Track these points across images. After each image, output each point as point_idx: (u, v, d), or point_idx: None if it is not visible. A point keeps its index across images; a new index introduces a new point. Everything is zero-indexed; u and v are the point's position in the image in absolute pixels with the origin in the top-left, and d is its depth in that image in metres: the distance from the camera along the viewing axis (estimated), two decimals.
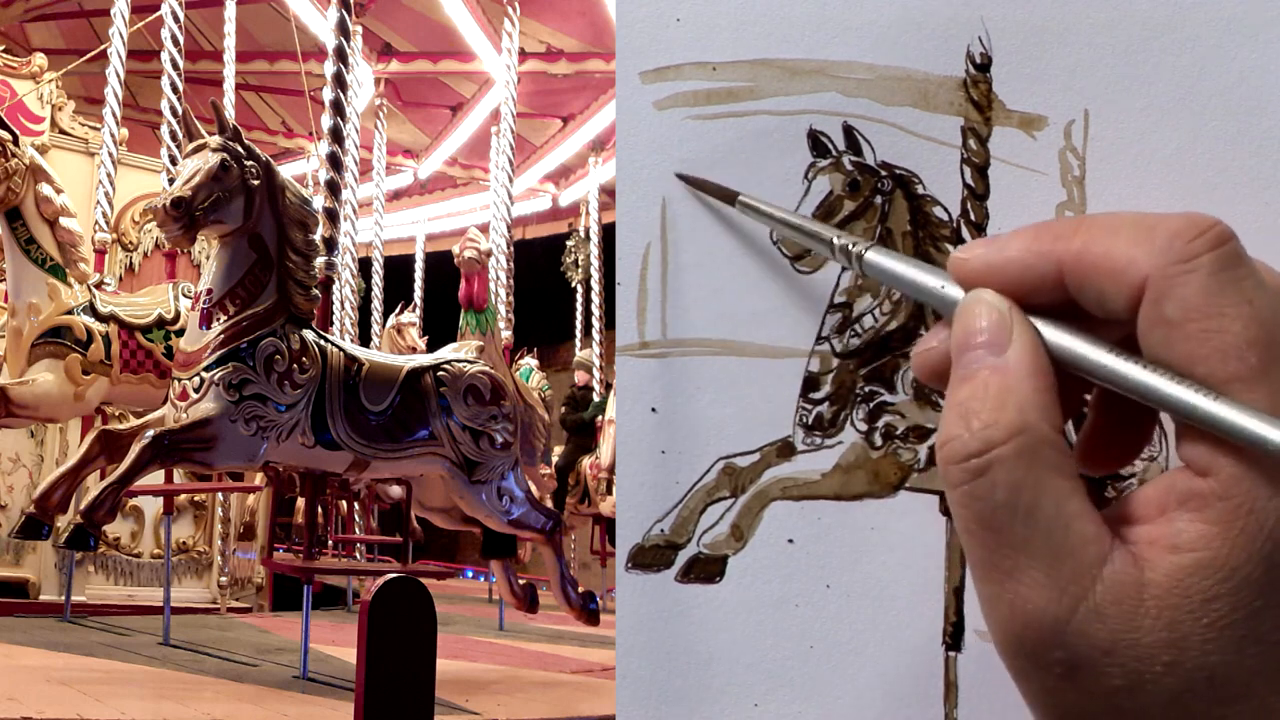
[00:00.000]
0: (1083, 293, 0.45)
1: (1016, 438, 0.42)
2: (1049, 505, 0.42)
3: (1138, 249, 0.43)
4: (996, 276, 0.47)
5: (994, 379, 0.44)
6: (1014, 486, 0.42)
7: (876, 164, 0.67)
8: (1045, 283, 0.46)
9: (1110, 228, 0.45)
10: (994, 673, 0.64)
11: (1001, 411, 0.43)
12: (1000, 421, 0.43)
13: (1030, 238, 0.47)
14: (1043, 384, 0.44)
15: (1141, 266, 0.43)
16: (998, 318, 0.45)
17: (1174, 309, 0.42)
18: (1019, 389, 0.43)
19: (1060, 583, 0.41)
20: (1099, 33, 0.65)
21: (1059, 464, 0.42)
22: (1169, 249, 0.42)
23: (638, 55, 0.68)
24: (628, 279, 0.68)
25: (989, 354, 0.45)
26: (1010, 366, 0.44)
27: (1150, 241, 0.43)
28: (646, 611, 0.66)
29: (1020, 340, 0.45)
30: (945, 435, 0.44)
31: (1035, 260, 0.46)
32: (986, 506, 0.42)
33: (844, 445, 0.67)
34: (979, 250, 0.48)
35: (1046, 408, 0.43)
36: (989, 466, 0.42)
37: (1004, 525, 0.42)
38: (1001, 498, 0.42)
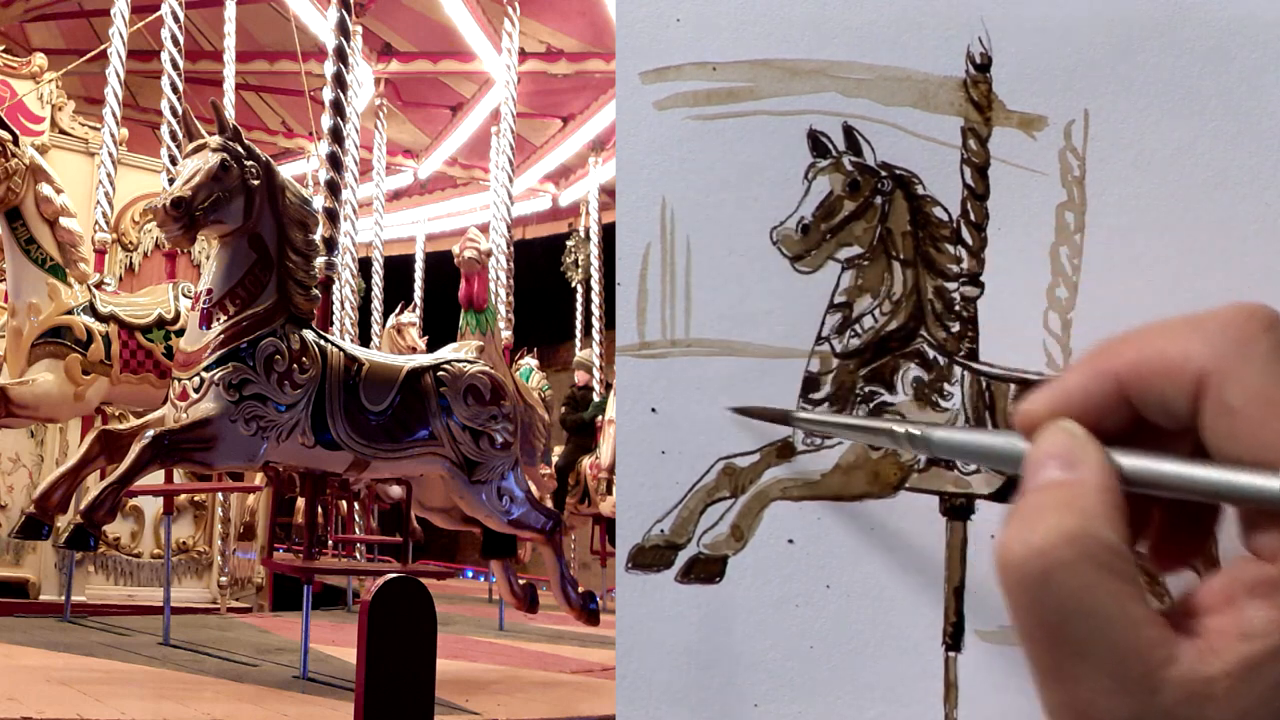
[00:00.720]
0: (1145, 401, 0.45)
1: (1080, 542, 0.42)
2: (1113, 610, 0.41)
3: (1190, 345, 0.44)
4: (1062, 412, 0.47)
5: (1061, 490, 0.44)
6: (1076, 591, 0.42)
7: (876, 164, 0.67)
8: (1109, 402, 0.46)
9: (1160, 331, 0.45)
10: (994, 673, 0.65)
11: (1066, 517, 0.43)
12: (1063, 525, 0.43)
13: (1085, 365, 0.47)
14: (1110, 498, 0.44)
15: (1197, 361, 0.43)
16: (1069, 439, 0.46)
17: (1235, 396, 0.42)
18: (1085, 498, 0.43)
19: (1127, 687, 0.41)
20: (1099, 33, 0.65)
21: (1122, 570, 0.42)
22: (1223, 338, 0.43)
23: (638, 55, 0.68)
24: (628, 279, 0.68)
25: (1059, 470, 0.45)
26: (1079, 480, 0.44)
27: (1202, 335, 0.43)
28: (646, 611, 0.66)
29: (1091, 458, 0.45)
30: (1005, 539, 0.44)
31: (1095, 383, 0.47)
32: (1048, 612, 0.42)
33: (844, 445, 0.67)
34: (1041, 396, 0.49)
35: (1112, 519, 0.43)
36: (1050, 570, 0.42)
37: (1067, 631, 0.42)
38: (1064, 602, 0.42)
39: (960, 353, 0.67)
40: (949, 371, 0.67)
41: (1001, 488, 0.66)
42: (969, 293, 0.66)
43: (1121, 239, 0.64)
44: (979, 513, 0.65)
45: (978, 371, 0.67)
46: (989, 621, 0.65)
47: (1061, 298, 0.65)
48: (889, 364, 0.67)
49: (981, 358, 0.66)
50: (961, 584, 0.65)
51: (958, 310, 0.66)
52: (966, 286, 0.66)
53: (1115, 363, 0.46)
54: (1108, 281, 0.64)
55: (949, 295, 0.67)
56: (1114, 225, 0.64)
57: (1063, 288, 0.65)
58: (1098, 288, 0.64)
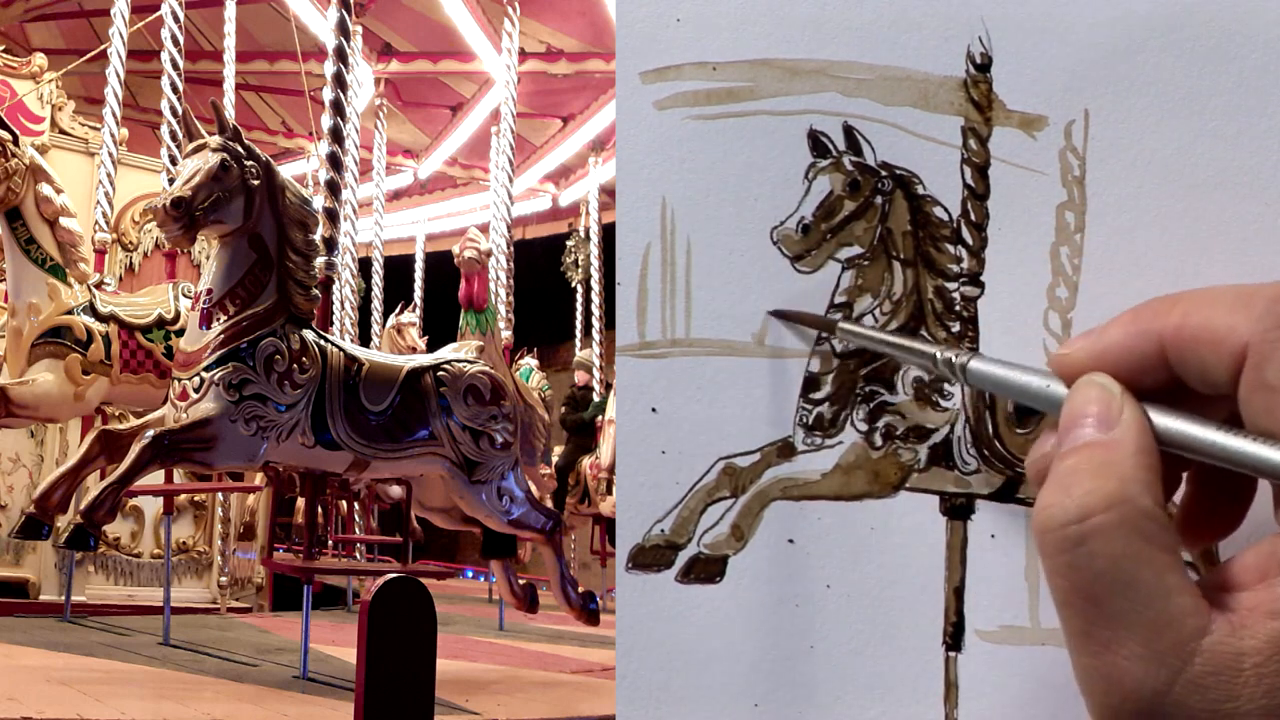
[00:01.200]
0: (1185, 365, 0.45)
1: (1118, 508, 0.42)
2: (1149, 577, 0.42)
3: (1236, 317, 0.44)
4: (1100, 363, 0.47)
5: (1098, 452, 0.44)
6: (1113, 557, 0.42)
7: (877, 164, 0.67)
8: (1148, 362, 0.46)
9: (1208, 299, 0.45)
10: (994, 673, 0.65)
11: (1104, 481, 0.43)
12: (1102, 490, 0.43)
13: (1129, 319, 0.47)
14: (1147, 461, 0.44)
15: (1241, 334, 0.43)
16: (1107, 397, 0.46)
17: (1275, 374, 0.42)
18: (1123, 463, 0.43)
19: (1159, 655, 0.41)
20: (1099, 33, 0.65)
21: (1159, 537, 0.42)
22: (1268, 314, 0.43)
23: (638, 55, 0.68)
24: (628, 279, 0.68)
25: (1096, 430, 0.45)
26: (1116, 441, 0.44)
27: (1249, 309, 0.43)
28: (646, 611, 0.66)
29: (1129, 418, 0.45)
30: (1043, 502, 0.44)
31: (1136, 341, 0.47)
32: (1085, 577, 0.42)
33: (844, 445, 0.67)
34: (1080, 342, 0.49)
35: (1149, 483, 0.43)
36: (1088, 535, 0.42)
37: (1103, 596, 0.42)
38: (1101, 568, 0.42)
39: None
40: None
41: (1002, 488, 0.66)
42: (969, 292, 0.66)
43: (1121, 239, 0.64)
44: (979, 513, 0.65)
45: None
46: (989, 621, 0.65)
47: (1061, 298, 0.65)
48: (889, 363, 0.67)
49: None
50: (961, 584, 0.65)
51: (958, 310, 0.67)
52: (967, 286, 0.66)
53: (1160, 323, 0.46)
54: (1108, 281, 0.64)
55: (949, 295, 0.67)
56: (1114, 225, 0.64)
57: (1063, 288, 0.65)
58: (1098, 288, 0.64)
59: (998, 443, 0.66)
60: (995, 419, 0.66)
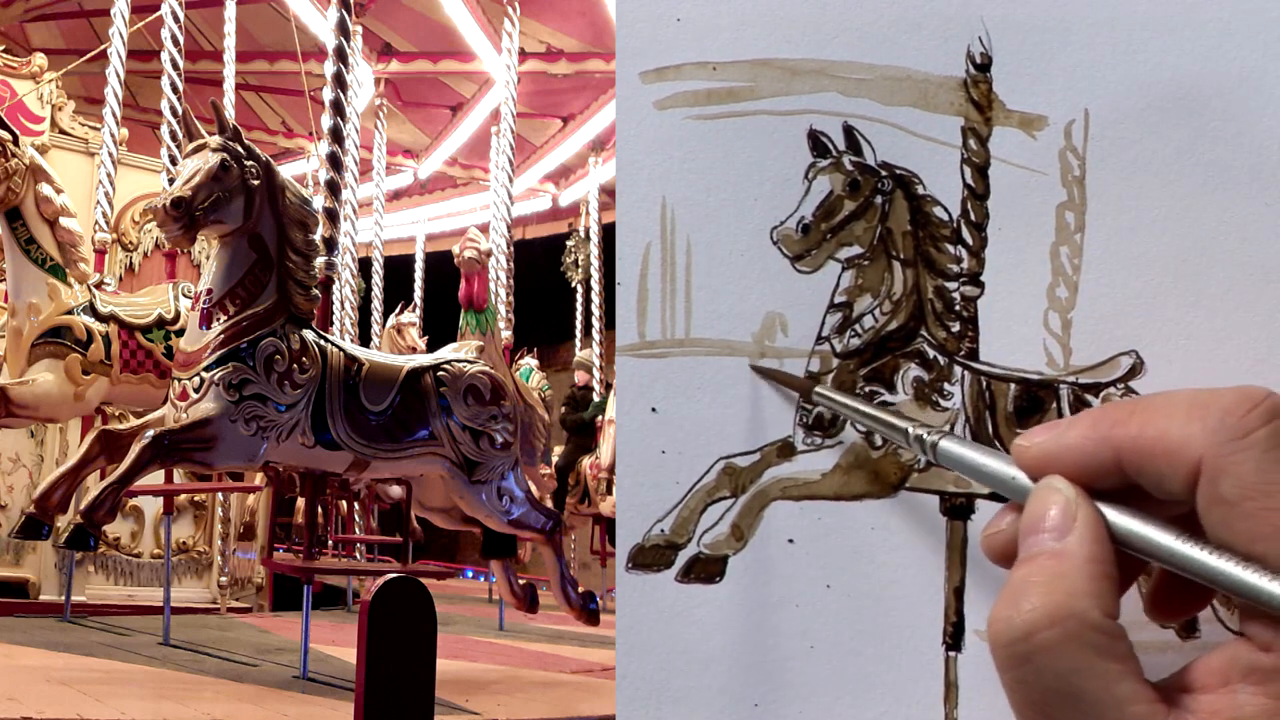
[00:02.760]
0: (1142, 476, 0.46)
1: (1062, 623, 0.42)
2: (1097, 689, 0.42)
3: (1191, 428, 0.44)
4: (1056, 464, 0.47)
5: (1050, 563, 0.44)
6: (1059, 673, 0.42)
7: (877, 164, 0.67)
8: (1105, 468, 0.46)
9: (1164, 409, 0.45)
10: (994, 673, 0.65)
11: (1051, 595, 0.43)
12: (1047, 606, 0.43)
13: (1088, 424, 0.47)
14: (1099, 570, 0.44)
15: (1196, 446, 0.43)
16: (1064, 504, 0.46)
17: (1230, 488, 0.42)
18: (1073, 575, 0.44)
19: None
20: (1099, 33, 0.65)
21: (1109, 648, 0.42)
22: (1221, 427, 0.43)
23: (638, 55, 0.68)
24: (628, 279, 0.68)
25: (1051, 539, 0.45)
26: (1068, 552, 0.44)
27: (1203, 420, 0.43)
28: (646, 611, 0.66)
29: (1083, 527, 0.45)
30: (995, 615, 0.45)
31: (1094, 446, 0.47)
32: (1034, 691, 0.43)
33: (844, 445, 0.67)
34: (1039, 438, 0.49)
35: (1099, 594, 0.43)
36: (1034, 653, 0.43)
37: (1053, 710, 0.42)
38: (1049, 683, 0.42)
39: (960, 352, 0.67)
40: (949, 371, 0.67)
41: None
42: (969, 292, 0.66)
43: (1121, 239, 0.64)
44: (979, 513, 0.65)
45: (978, 371, 0.67)
46: None
47: (1061, 297, 0.65)
48: (889, 363, 0.67)
49: (981, 357, 0.67)
50: (961, 584, 0.65)
51: (958, 310, 0.67)
52: (967, 286, 0.66)
53: (1118, 433, 0.46)
54: (1108, 281, 0.64)
55: (949, 295, 0.67)
56: (1114, 225, 0.64)
57: (1063, 287, 0.65)
58: (1098, 288, 0.64)
59: (997, 443, 0.66)
60: (995, 419, 0.66)
